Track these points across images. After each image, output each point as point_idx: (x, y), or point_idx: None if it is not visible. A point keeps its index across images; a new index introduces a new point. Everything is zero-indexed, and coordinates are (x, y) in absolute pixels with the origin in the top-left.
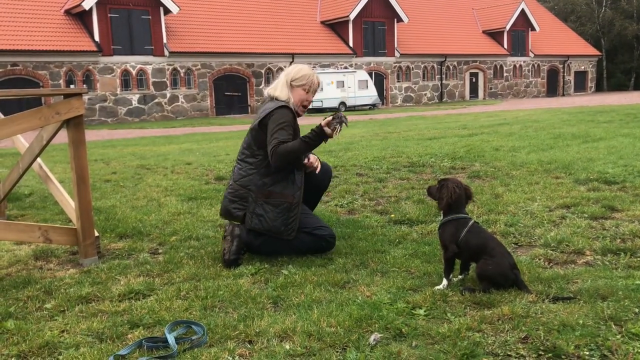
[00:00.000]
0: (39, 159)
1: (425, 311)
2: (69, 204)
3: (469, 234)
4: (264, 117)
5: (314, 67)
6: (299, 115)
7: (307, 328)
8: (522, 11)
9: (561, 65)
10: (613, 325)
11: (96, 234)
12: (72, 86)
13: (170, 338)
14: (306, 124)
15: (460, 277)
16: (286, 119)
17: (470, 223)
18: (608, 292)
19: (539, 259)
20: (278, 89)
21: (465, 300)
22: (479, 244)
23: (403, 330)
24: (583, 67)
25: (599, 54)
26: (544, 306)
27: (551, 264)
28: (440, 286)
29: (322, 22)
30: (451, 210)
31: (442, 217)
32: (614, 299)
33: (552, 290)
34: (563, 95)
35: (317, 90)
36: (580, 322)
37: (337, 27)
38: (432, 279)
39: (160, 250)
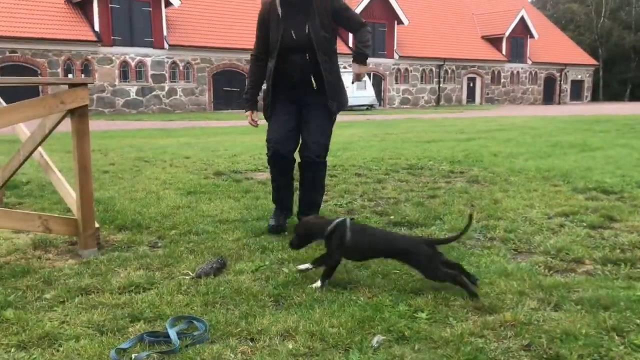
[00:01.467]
0: (40, 148)
1: (427, 315)
2: (70, 194)
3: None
4: None
5: None
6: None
7: (310, 328)
8: (522, 18)
9: (558, 74)
10: (615, 336)
11: (96, 225)
12: (70, 75)
13: (172, 333)
14: None
15: None
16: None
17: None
18: (609, 303)
19: (539, 266)
20: None
21: (467, 305)
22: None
23: (406, 333)
24: (580, 76)
25: (596, 63)
26: (545, 314)
27: (551, 272)
28: None
29: None
30: None
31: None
32: (615, 310)
33: (554, 299)
34: (559, 103)
35: None
36: (583, 331)
37: None
38: (433, 283)
39: (159, 244)
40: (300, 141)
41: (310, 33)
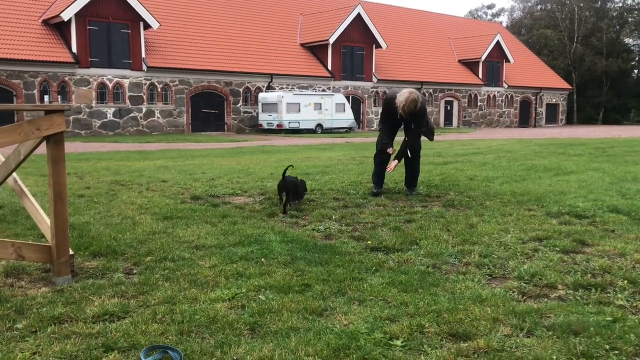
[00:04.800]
0: (14, 173)
1: (402, 342)
2: (44, 220)
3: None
4: None
5: (292, 88)
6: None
7: (285, 357)
8: (498, 43)
9: (534, 97)
10: None
11: (71, 252)
12: (46, 97)
13: None
14: (285, 143)
15: None
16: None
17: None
18: (580, 328)
19: (513, 292)
20: None
21: (441, 332)
22: None
23: None
24: (555, 100)
25: (570, 87)
26: (518, 340)
27: (525, 298)
28: None
29: (302, 45)
30: None
31: None
32: (585, 335)
33: (527, 325)
34: (535, 126)
35: (400, 107)
36: (554, 357)
37: (316, 50)
38: (409, 309)
39: (135, 271)
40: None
41: (412, 126)
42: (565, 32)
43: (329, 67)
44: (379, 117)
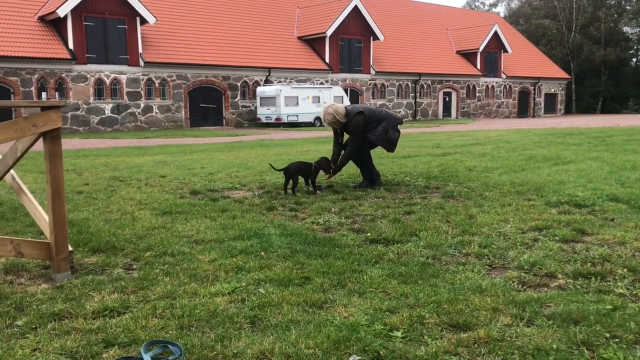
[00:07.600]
0: (12, 170)
1: (402, 333)
2: (43, 217)
3: None
4: None
5: (289, 81)
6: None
7: (286, 350)
8: (495, 33)
9: (532, 87)
10: (585, 350)
11: (70, 248)
12: (43, 94)
13: (147, 358)
14: (284, 137)
15: None
16: None
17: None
18: (580, 317)
19: (513, 282)
20: None
21: (441, 323)
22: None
23: (381, 352)
24: (553, 90)
25: (568, 77)
26: (518, 330)
27: (525, 287)
28: None
29: (299, 38)
30: None
31: None
32: (585, 324)
33: (527, 314)
34: (534, 116)
35: (325, 118)
36: (554, 346)
37: (314, 42)
38: (409, 300)
39: (134, 266)
40: None
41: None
42: (563, 21)
43: (327, 60)
44: None
